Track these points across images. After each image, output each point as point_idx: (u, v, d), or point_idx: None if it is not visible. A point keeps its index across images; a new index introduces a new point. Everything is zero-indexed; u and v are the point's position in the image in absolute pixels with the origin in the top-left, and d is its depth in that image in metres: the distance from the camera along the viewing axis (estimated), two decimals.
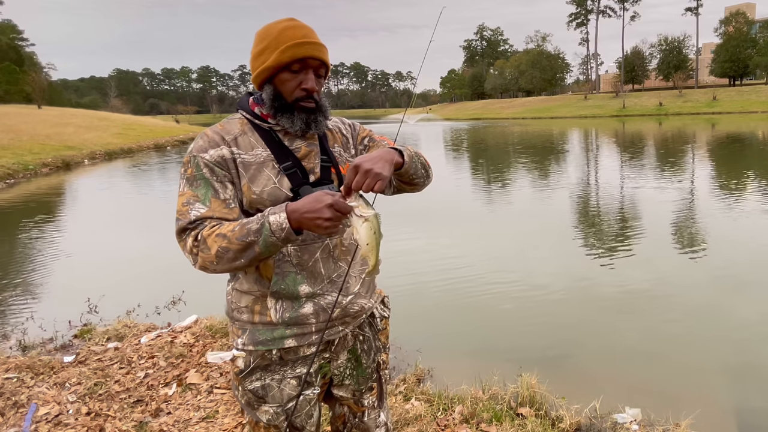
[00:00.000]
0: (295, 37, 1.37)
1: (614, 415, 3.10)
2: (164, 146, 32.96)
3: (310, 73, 1.40)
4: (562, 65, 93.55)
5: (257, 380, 1.48)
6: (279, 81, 1.40)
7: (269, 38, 1.39)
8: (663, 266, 6.24)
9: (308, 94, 1.40)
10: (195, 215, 1.34)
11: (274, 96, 1.41)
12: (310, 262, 1.44)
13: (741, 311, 4.86)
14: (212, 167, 1.37)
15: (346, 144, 1.59)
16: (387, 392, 1.76)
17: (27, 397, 3.14)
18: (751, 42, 65.07)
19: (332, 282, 1.47)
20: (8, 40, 64.28)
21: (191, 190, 1.37)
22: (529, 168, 17.15)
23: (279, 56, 1.36)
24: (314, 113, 1.42)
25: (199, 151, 1.39)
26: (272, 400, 1.48)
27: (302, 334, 1.46)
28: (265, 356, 1.47)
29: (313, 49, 1.38)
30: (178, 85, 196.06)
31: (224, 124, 1.46)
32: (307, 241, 1.43)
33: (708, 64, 74.15)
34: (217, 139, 1.40)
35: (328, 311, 1.46)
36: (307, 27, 1.42)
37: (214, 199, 1.36)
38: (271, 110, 1.42)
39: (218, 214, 1.35)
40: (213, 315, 4.42)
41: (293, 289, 1.42)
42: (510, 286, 5.70)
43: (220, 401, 3.15)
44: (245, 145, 1.42)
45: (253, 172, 1.40)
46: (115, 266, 7.03)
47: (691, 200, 10.37)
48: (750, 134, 27.05)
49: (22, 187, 16.01)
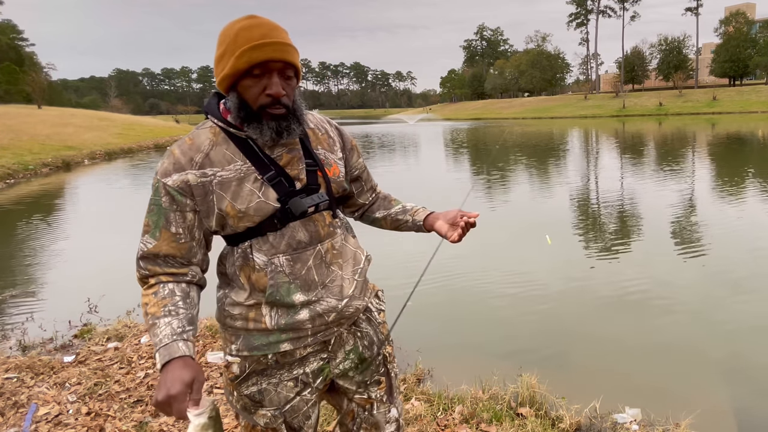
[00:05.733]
0: (251, 38, 1.24)
1: (614, 415, 3.10)
2: (164, 146, 32.94)
3: (273, 76, 1.27)
4: (562, 65, 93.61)
5: (253, 385, 1.45)
6: (242, 88, 1.28)
7: (227, 41, 1.27)
8: (663, 266, 6.24)
9: (274, 99, 1.28)
10: (143, 250, 1.34)
11: (239, 104, 1.29)
12: (303, 270, 1.40)
13: (741, 311, 4.86)
14: (173, 195, 1.30)
15: (332, 146, 1.51)
16: (397, 387, 1.72)
17: (27, 397, 3.14)
18: (751, 42, 65.10)
19: (326, 287, 1.43)
20: (8, 40, 64.30)
21: (147, 216, 1.34)
22: (528, 167, 17.15)
23: (235, 62, 1.24)
24: (285, 119, 1.31)
25: (162, 175, 1.31)
26: (269, 404, 1.46)
27: (297, 338, 1.43)
28: (261, 361, 1.44)
29: (272, 51, 1.25)
30: (178, 85, 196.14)
31: (194, 138, 1.35)
32: (299, 250, 1.39)
33: (708, 64, 74.20)
34: (183, 161, 1.31)
35: (324, 316, 1.43)
36: (268, 25, 1.28)
37: (164, 231, 1.32)
38: (237, 120, 1.31)
39: (165, 250, 1.32)
40: (213, 315, 4.41)
41: (288, 299, 1.38)
42: (510, 286, 5.70)
43: (220, 401, 3.15)
44: (220, 159, 1.32)
45: (234, 189, 1.32)
46: (116, 266, 7.02)
47: (690, 200, 10.36)
48: (750, 134, 27.05)
49: (22, 187, 16.01)
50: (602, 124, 45.61)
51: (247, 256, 1.38)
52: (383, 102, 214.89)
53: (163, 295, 1.31)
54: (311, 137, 1.46)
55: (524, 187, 12.90)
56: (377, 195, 1.73)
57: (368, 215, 1.72)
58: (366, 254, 1.58)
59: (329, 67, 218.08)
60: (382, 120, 78.50)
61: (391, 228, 1.71)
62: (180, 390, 1.15)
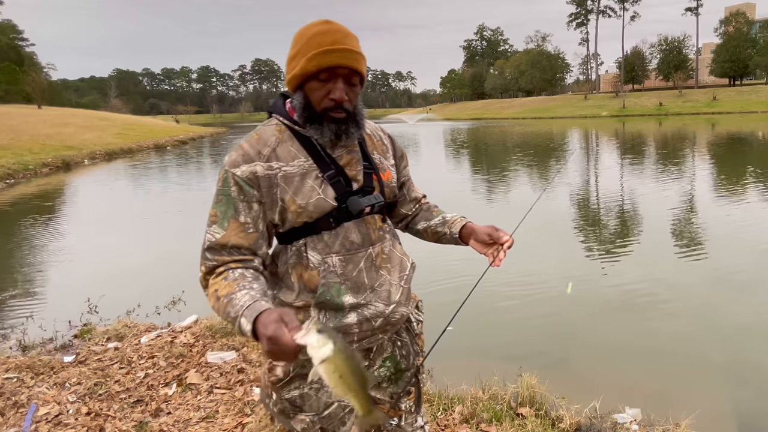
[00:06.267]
0: (323, 43, 1.29)
1: (614, 415, 3.10)
2: (164, 146, 32.96)
3: (339, 82, 1.32)
4: (562, 65, 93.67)
5: (295, 389, 1.45)
6: (308, 89, 1.34)
7: (300, 43, 1.33)
8: (663, 266, 6.24)
9: (336, 104, 1.33)
10: (210, 241, 1.33)
11: (304, 104, 1.36)
12: (354, 272, 1.42)
13: (741, 311, 4.86)
14: (241, 185, 1.33)
15: (386, 152, 1.57)
16: (422, 396, 1.75)
17: (27, 397, 3.14)
18: (751, 42, 65.11)
19: (374, 291, 1.45)
20: (8, 40, 64.39)
21: (214, 207, 1.35)
22: (528, 167, 17.15)
23: (306, 64, 1.30)
24: (345, 123, 1.36)
25: (231, 166, 1.34)
26: (309, 409, 1.46)
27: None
28: (305, 365, 1.41)
29: (341, 58, 1.30)
30: (178, 85, 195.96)
31: (261, 134, 1.40)
32: (351, 251, 1.41)
33: (708, 64, 74.18)
34: (252, 154, 1.35)
35: (371, 321, 1.44)
36: (341, 31, 1.33)
37: (233, 221, 1.33)
38: (301, 118, 1.37)
39: (233, 241, 1.33)
40: (213, 315, 4.42)
41: (338, 300, 1.39)
42: (510, 286, 5.69)
43: (220, 401, 3.15)
44: (285, 155, 1.37)
45: (296, 184, 1.36)
46: (115, 266, 7.03)
47: (690, 200, 10.36)
48: (750, 134, 27.05)
49: (22, 187, 16.02)
50: (602, 124, 45.60)
51: (301, 254, 1.40)
52: (383, 102, 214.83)
53: (234, 277, 1.30)
54: (368, 142, 1.51)
55: (523, 186, 12.91)
56: (420, 206, 1.74)
57: (411, 226, 1.73)
58: (411, 261, 1.61)
59: None
60: (382, 120, 78.46)
61: (432, 240, 1.71)
62: (274, 328, 1.10)
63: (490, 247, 1.58)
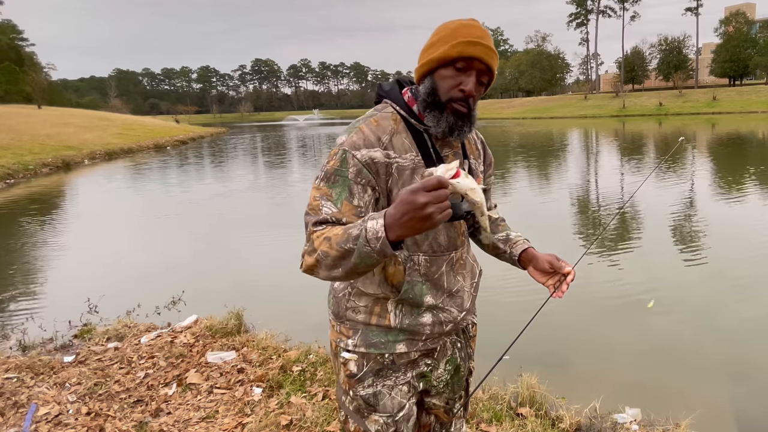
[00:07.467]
0: (469, 35, 1.30)
1: (614, 415, 3.10)
2: (164, 146, 32.96)
3: (472, 75, 1.33)
4: (562, 65, 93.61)
5: (369, 386, 1.44)
6: (439, 76, 1.33)
7: (444, 32, 1.34)
8: (663, 266, 6.24)
9: (464, 96, 1.32)
10: (326, 213, 1.27)
11: (430, 90, 1.34)
12: (437, 274, 1.42)
13: (741, 311, 4.86)
14: (360, 168, 1.30)
15: (478, 157, 1.57)
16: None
17: (27, 397, 3.14)
18: (751, 42, 65.12)
19: (452, 296, 1.46)
20: (8, 40, 64.41)
21: (326, 186, 1.30)
22: (528, 167, 17.15)
23: (448, 49, 1.30)
24: (462, 120, 1.35)
25: (351, 147, 1.31)
26: (383, 409, 1.45)
27: (412, 340, 1.44)
28: (378, 360, 1.43)
29: (482, 52, 1.31)
30: (178, 85, 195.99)
31: (379, 121, 1.38)
32: (437, 253, 1.42)
33: (708, 64, 74.22)
34: (372, 139, 1.33)
35: (443, 325, 1.45)
36: (486, 31, 1.34)
37: (347, 203, 1.28)
38: (423, 104, 1.35)
39: (346, 219, 1.27)
40: (213, 315, 4.41)
41: (419, 299, 1.40)
42: (510, 286, 5.69)
43: (220, 401, 3.15)
44: (399, 146, 1.36)
45: (406, 178, 1.34)
46: (115, 266, 7.03)
47: (690, 199, 10.36)
48: (750, 134, 27.05)
49: (22, 187, 16.01)
50: (602, 124, 45.60)
51: None
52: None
53: (340, 225, 1.24)
54: (467, 145, 1.52)
55: (523, 185, 12.90)
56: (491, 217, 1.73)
57: (476, 235, 1.71)
58: (480, 268, 1.62)
59: (329, 67, 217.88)
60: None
61: (491, 254, 1.69)
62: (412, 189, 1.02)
63: (550, 276, 1.55)
